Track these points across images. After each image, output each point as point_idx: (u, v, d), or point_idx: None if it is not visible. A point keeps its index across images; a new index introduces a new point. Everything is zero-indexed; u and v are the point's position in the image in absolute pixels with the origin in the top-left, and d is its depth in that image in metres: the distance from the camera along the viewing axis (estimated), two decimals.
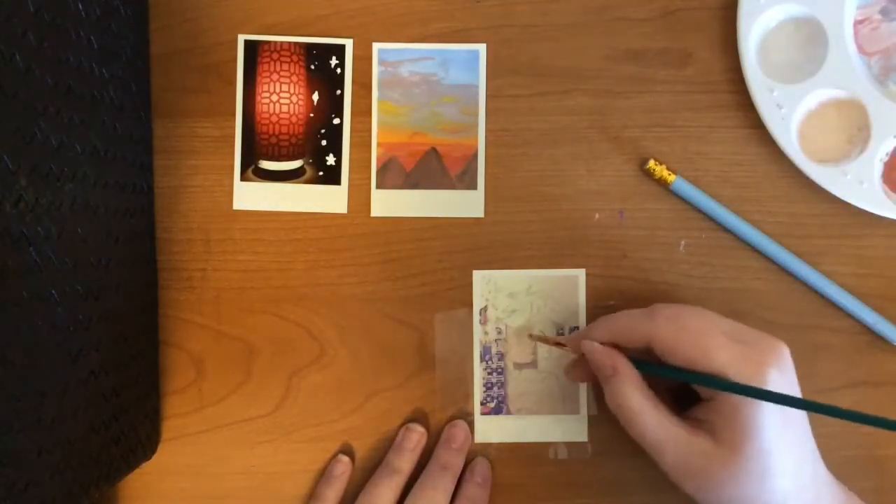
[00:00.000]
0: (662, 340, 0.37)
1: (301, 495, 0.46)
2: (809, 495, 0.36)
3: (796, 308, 0.45)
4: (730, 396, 0.35)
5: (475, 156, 0.46)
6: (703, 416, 0.37)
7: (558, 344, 0.43)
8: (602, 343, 0.39)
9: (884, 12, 0.44)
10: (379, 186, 0.46)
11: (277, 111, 0.46)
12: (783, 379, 0.36)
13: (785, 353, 0.36)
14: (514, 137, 0.46)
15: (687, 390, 0.40)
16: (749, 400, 0.35)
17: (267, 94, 0.46)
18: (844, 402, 0.44)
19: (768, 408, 0.35)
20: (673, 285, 0.45)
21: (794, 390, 0.37)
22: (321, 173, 0.46)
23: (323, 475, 0.45)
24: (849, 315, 0.44)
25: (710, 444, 0.36)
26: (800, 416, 0.36)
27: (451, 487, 0.43)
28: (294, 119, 0.46)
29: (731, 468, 0.35)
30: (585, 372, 0.42)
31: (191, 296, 0.46)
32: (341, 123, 0.46)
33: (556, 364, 0.45)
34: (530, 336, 0.45)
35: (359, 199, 0.46)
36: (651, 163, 0.45)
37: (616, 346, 0.39)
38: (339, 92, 0.46)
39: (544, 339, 0.45)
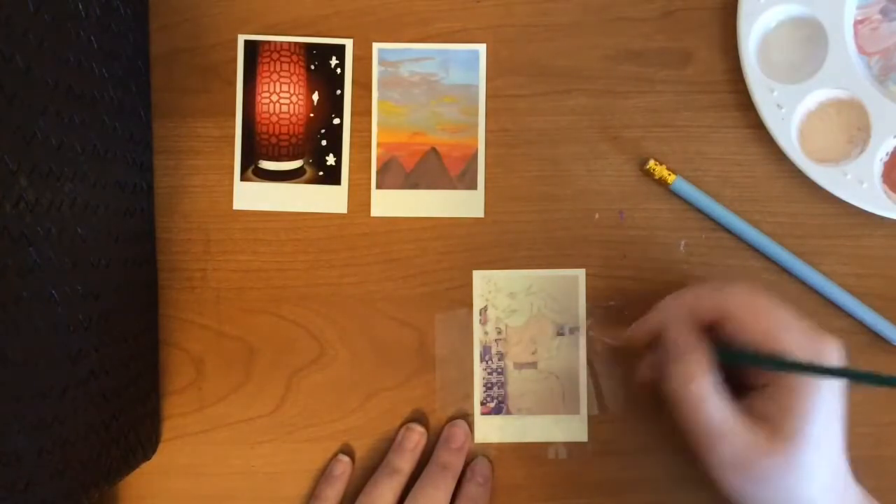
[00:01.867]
0: (738, 307, 0.37)
1: (301, 495, 0.46)
2: (840, 485, 0.36)
3: (796, 308, 0.45)
4: (788, 385, 0.35)
5: (475, 156, 0.46)
6: (755, 406, 0.36)
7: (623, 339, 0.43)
8: None
9: (884, 12, 0.44)
10: (379, 186, 0.46)
11: (277, 111, 0.46)
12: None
13: (839, 347, 0.36)
14: (514, 137, 0.46)
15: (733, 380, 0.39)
16: (807, 389, 0.35)
17: (267, 94, 0.46)
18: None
19: (824, 398, 0.35)
20: (673, 285, 0.45)
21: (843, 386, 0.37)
22: (321, 173, 0.46)
23: (323, 475, 0.45)
24: (849, 315, 0.44)
25: (765, 435, 0.35)
26: (842, 411, 0.36)
27: (452, 487, 0.43)
28: (294, 119, 0.46)
29: (785, 458, 0.34)
30: (654, 368, 0.40)
31: (191, 296, 0.46)
32: (341, 123, 0.46)
33: (556, 364, 0.45)
34: (593, 334, 0.45)
35: (359, 199, 0.46)
36: (651, 163, 0.45)
37: None
38: (339, 92, 0.46)
39: (611, 338, 0.44)
